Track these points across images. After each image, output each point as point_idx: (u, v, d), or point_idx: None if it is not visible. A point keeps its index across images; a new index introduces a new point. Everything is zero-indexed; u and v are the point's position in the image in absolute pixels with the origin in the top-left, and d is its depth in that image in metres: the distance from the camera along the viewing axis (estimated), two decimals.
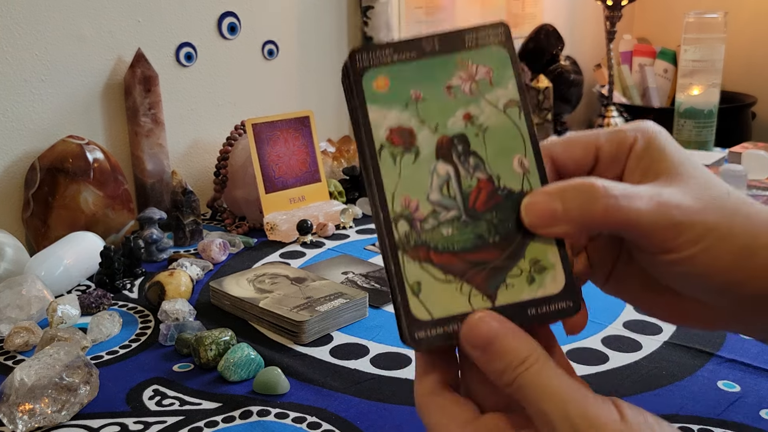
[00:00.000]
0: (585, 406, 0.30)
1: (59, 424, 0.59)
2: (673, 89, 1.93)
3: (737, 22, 1.90)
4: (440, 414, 0.33)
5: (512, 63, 0.35)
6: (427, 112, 0.34)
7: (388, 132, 0.34)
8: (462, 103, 0.35)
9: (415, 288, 0.33)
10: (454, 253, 0.34)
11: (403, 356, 0.71)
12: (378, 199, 0.34)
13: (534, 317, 0.34)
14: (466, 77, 0.35)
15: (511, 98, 0.35)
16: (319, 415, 0.60)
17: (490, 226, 0.34)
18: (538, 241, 0.34)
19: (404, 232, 0.33)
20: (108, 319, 0.76)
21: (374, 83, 0.34)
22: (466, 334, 0.32)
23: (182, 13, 1.17)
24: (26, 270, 0.85)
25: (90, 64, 1.08)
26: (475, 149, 0.34)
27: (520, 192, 0.34)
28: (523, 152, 0.35)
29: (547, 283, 0.34)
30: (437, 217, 0.34)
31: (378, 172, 0.34)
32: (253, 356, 0.67)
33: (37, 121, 1.03)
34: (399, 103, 0.34)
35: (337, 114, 1.47)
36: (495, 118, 0.35)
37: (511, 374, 0.31)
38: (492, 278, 0.34)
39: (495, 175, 0.34)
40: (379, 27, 1.43)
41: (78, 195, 0.99)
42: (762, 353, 0.69)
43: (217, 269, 0.96)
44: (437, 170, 0.34)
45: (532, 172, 0.35)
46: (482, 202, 0.34)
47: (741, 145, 1.42)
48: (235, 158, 1.14)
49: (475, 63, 0.35)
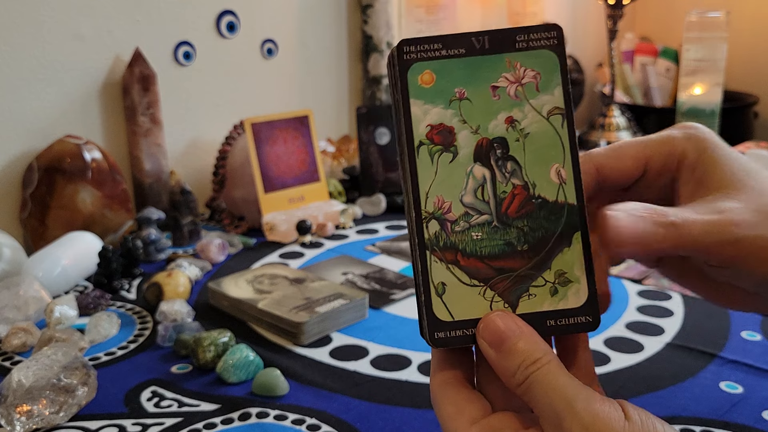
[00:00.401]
0: (592, 404, 0.31)
1: (57, 426, 0.59)
2: (675, 88, 1.92)
3: (739, 21, 1.90)
4: (452, 408, 0.34)
5: (561, 69, 0.34)
6: (469, 112, 0.34)
7: (429, 129, 0.34)
8: (505, 106, 0.34)
9: (440, 289, 0.34)
10: (481, 258, 0.34)
11: (402, 358, 0.71)
12: (412, 197, 0.34)
13: (552, 328, 0.34)
14: (512, 79, 0.34)
15: (556, 105, 0.34)
16: (319, 416, 0.60)
17: (520, 233, 0.34)
18: (566, 254, 0.34)
19: (434, 232, 0.34)
20: (106, 320, 0.76)
21: (420, 77, 0.34)
22: (481, 330, 0.33)
23: (181, 11, 1.17)
24: (24, 270, 0.85)
25: (88, 63, 1.07)
26: (514, 154, 0.34)
27: (554, 202, 0.34)
28: (561, 162, 0.34)
29: (570, 296, 0.34)
30: (468, 220, 0.34)
31: (414, 169, 0.34)
32: (252, 357, 0.66)
33: (34, 120, 1.02)
34: (442, 100, 0.34)
35: (337, 113, 1.47)
36: (537, 124, 0.34)
37: (522, 374, 0.32)
38: (516, 287, 0.34)
39: (531, 182, 0.34)
40: (378, 26, 1.43)
41: (76, 195, 0.98)
42: (765, 354, 0.69)
43: (216, 270, 0.95)
44: (474, 173, 0.34)
45: (569, 184, 0.34)
46: (515, 209, 0.34)
47: (743, 145, 1.41)
48: (233, 158, 1.14)
49: (523, 65, 0.34)
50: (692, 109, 1.50)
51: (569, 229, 0.34)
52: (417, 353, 0.71)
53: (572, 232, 0.34)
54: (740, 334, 0.73)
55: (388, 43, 1.44)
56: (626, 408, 0.31)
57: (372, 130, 1.24)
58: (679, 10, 1.89)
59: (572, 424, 0.30)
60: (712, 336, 0.73)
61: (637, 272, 0.89)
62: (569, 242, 0.34)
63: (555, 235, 0.34)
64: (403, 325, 0.78)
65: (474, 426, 0.33)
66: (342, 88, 1.47)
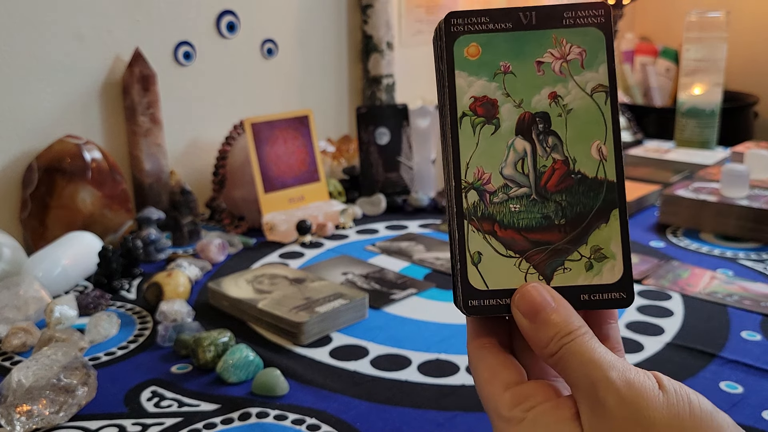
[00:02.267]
0: (626, 373, 0.31)
1: (57, 426, 0.59)
2: (675, 88, 1.92)
3: (739, 22, 1.90)
4: (488, 372, 0.35)
5: (607, 47, 0.35)
6: (513, 86, 0.35)
7: (473, 101, 0.34)
8: (550, 81, 0.35)
9: (476, 258, 0.34)
10: (518, 230, 0.34)
11: (402, 358, 0.70)
12: (453, 166, 0.34)
13: (585, 303, 0.34)
14: (558, 55, 0.35)
15: (600, 83, 0.35)
16: (319, 416, 0.60)
17: (558, 207, 0.35)
18: (603, 230, 0.34)
19: (473, 202, 0.34)
20: (106, 320, 0.76)
21: (465, 50, 0.35)
22: (517, 300, 0.34)
23: (181, 11, 1.17)
24: (24, 270, 0.85)
25: (88, 63, 1.07)
26: (556, 129, 0.35)
27: (594, 178, 0.34)
28: (603, 139, 0.35)
29: (605, 272, 0.34)
30: (507, 191, 0.34)
31: (456, 140, 0.34)
32: (252, 357, 0.66)
33: (34, 120, 1.02)
34: (487, 73, 0.34)
35: (337, 113, 1.47)
36: (581, 101, 0.35)
37: (556, 344, 0.32)
38: (551, 260, 0.34)
39: (571, 157, 0.35)
40: (378, 26, 1.43)
41: (76, 195, 0.98)
42: (764, 354, 0.69)
43: (216, 270, 0.95)
44: (515, 146, 0.35)
45: (609, 161, 0.35)
46: (554, 183, 0.35)
47: (743, 145, 1.41)
48: (233, 158, 1.14)
49: (569, 42, 0.35)
50: (692, 109, 1.50)
51: (607, 206, 0.34)
52: (417, 353, 0.71)
53: (610, 209, 0.34)
54: (740, 334, 0.73)
55: (388, 43, 1.44)
56: (660, 378, 0.32)
57: (372, 130, 1.24)
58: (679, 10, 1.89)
59: (607, 393, 0.31)
60: (712, 336, 0.73)
61: (637, 272, 0.90)
62: (606, 218, 0.34)
63: (593, 211, 0.34)
64: (403, 325, 0.78)
65: (507, 392, 0.34)
66: (342, 88, 1.47)
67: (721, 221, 1.03)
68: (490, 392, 0.34)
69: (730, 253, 0.97)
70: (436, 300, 0.84)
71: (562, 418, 0.32)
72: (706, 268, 0.91)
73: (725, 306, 0.80)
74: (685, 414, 0.30)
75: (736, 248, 0.99)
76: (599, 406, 0.31)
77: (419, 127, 1.27)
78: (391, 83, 1.47)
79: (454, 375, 0.67)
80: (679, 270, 0.90)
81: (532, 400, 0.33)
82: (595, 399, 0.31)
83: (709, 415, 0.31)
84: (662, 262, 0.93)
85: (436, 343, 0.73)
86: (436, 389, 0.65)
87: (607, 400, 0.31)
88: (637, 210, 1.16)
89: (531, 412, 0.32)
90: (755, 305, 0.80)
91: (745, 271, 0.91)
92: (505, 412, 0.33)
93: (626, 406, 0.30)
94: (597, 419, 0.31)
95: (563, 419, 0.32)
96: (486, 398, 0.34)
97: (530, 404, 0.33)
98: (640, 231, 1.07)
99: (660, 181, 1.27)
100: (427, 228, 1.11)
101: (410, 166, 1.26)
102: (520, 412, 0.33)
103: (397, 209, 1.21)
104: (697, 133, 1.50)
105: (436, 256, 0.98)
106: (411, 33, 1.58)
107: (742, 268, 0.92)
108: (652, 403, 0.30)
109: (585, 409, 0.31)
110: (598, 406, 0.31)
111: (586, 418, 0.31)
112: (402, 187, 1.26)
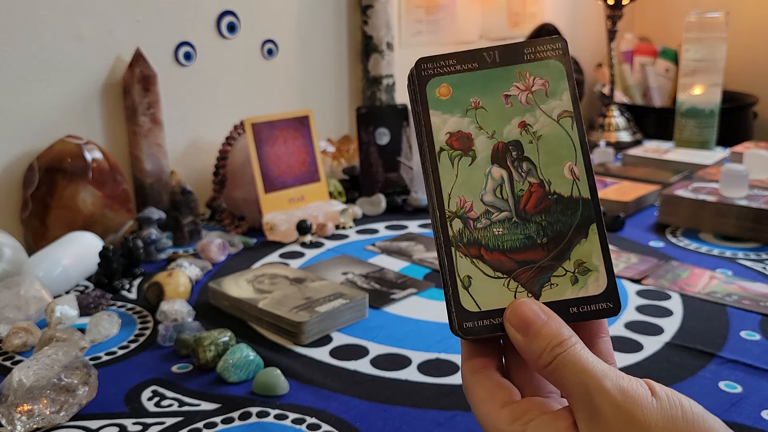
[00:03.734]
0: (620, 381, 0.32)
1: (58, 425, 0.59)
2: (674, 89, 1.92)
3: (738, 22, 1.90)
4: (484, 393, 0.35)
5: (567, 76, 0.37)
6: (484, 119, 0.37)
7: (448, 136, 0.37)
8: (518, 112, 0.37)
9: (466, 282, 0.36)
10: (503, 251, 0.36)
11: (402, 357, 0.71)
12: (435, 198, 0.36)
13: (575, 315, 0.36)
14: (523, 87, 0.37)
15: (565, 109, 0.37)
16: (319, 416, 0.60)
17: (539, 228, 0.36)
18: (583, 245, 0.36)
19: (458, 230, 0.36)
20: (106, 320, 0.76)
21: (437, 91, 0.37)
22: (508, 315, 0.35)
23: (181, 12, 1.17)
24: (24, 270, 0.85)
25: (88, 64, 1.07)
26: (529, 155, 0.37)
27: (569, 197, 0.36)
28: (574, 160, 0.37)
29: (590, 284, 0.36)
30: (489, 217, 0.36)
31: (437, 173, 0.36)
32: (252, 357, 0.67)
33: (35, 120, 1.02)
34: (459, 110, 0.37)
35: (337, 113, 1.47)
36: (549, 127, 0.37)
37: (548, 355, 0.33)
38: (538, 277, 0.36)
39: (546, 180, 0.37)
40: (378, 26, 1.43)
41: (76, 195, 0.99)
42: (764, 354, 0.69)
43: (216, 269, 0.95)
44: (492, 174, 0.37)
45: (582, 180, 0.37)
46: (532, 205, 0.37)
47: (742, 145, 1.41)
48: (234, 158, 1.14)
49: (532, 75, 0.37)
50: (692, 110, 1.50)
51: (585, 222, 0.36)
52: (417, 353, 0.71)
53: (588, 224, 0.36)
54: (739, 334, 0.73)
55: (388, 43, 1.44)
56: (652, 386, 0.32)
57: (372, 130, 1.24)
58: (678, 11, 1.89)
59: (602, 401, 0.31)
60: (712, 336, 0.73)
61: (637, 272, 0.90)
62: (586, 234, 0.36)
63: (572, 228, 0.36)
64: (403, 324, 0.78)
65: (504, 409, 0.34)
66: (342, 88, 1.47)
67: (720, 221, 1.03)
68: (488, 411, 0.35)
69: (730, 252, 0.97)
70: (436, 300, 0.84)
71: (560, 428, 0.33)
72: (706, 267, 0.91)
73: (724, 306, 0.80)
74: (678, 418, 0.31)
75: (735, 248, 0.99)
76: (595, 414, 0.32)
77: None
78: (391, 83, 1.47)
79: (453, 374, 0.67)
80: (678, 270, 0.91)
81: (530, 414, 0.34)
82: (591, 407, 0.32)
83: (701, 418, 0.32)
84: (661, 262, 0.93)
85: (436, 342, 0.73)
86: (436, 389, 0.65)
87: (603, 408, 0.31)
88: (637, 210, 1.16)
89: (530, 424, 0.33)
90: (754, 305, 0.80)
91: (745, 270, 0.91)
92: (504, 428, 0.34)
93: (621, 412, 0.31)
94: (594, 426, 0.32)
95: (562, 429, 0.33)
96: (484, 417, 0.35)
97: (529, 417, 0.34)
98: (639, 231, 1.07)
99: (659, 181, 1.28)
100: (427, 228, 1.12)
101: (410, 166, 1.27)
102: (519, 426, 0.34)
103: (397, 209, 1.21)
104: (697, 134, 1.50)
105: (436, 256, 0.98)
106: (411, 33, 1.58)
107: (742, 267, 0.92)
108: (646, 409, 0.31)
109: (582, 417, 0.32)
110: (594, 414, 0.32)
111: (583, 425, 0.32)
112: (402, 187, 1.26)
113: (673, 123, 1.54)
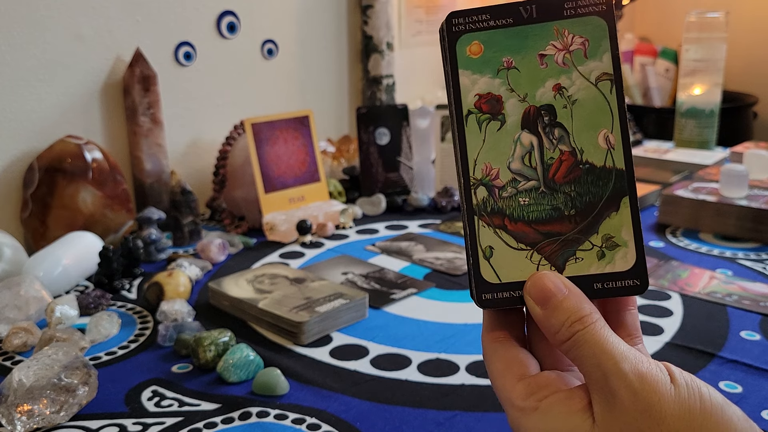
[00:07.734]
0: (639, 365, 0.31)
1: (58, 425, 0.59)
2: (674, 89, 1.92)
3: (739, 22, 1.90)
4: (501, 364, 0.35)
5: (610, 35, 0.35)
6: (516, 81, 0.35)
7: (477, 98, 0.35)
8: (553, 74, 0.35)
9: (487, 252, 0.35)
10: (528, 222, 0.35)
11: (402, 357, 0.71)
12: (461, 164, 0.35)
13: (599, 291, 0.34)
14: (560, 47, 0.35)
15: (605, 71, 0.35)
16: (319, 416, 0.60)
17: (568, 198, 0.35)
18: (613, 218, 0.34)
19: (482, 198, 0.35)
20: (107, 320, 0.76)
21: (468, 48, 0.35)
22: (528, 287, 0.34)
23: (181, 12, 1.17)
24: (24, 270, 0.85)
25: (88, 64, 1.07)
26: (562, 121, 0.35)
27: (602, 167, 0.35)
28: (610, 128, 0.35)
29: (617, 260, 0.34)
30: (516, 185, 0.35)
31: (463, 138, 0.35)
32: (252, 357, 0.67)
33: (35, 120, 1.02)
34: (490, 70, 0.35)
35: (337, 113, 1.47)
36: (585, 91, 0.35)
37: (567, 331, 0.32)
38: (563, 250, 0.35)
39: (579, 148, 0.35)
40: (378, 26, 1.43)
41: (76, 195, 0.99)
42: (764, 354, 0.69)
43: (216, 269, 0.95)
44: (521, 140, 0.35)
45: (617, 149, 0.35)
46: (562, 175, 0.35)
47: (742, 145, 1.41)
48: (234, 158, 1.14)
49: (571, 33, 0.35)
50: (692, 110, 1.50)
51: (617, 194, 0.34)
52: (417, 353, 0.71)
53: (620, 197, 0.34)
54: (739, 334, 0.73)
55: (388, 43, 1.44)
56: (672, 371, 0.32)
57: (372, 130, 1.24)
58: (678, 11, 1.89)
59: (619, 384, 0.31)
60: (712, 336, 0.73)
61: None
62: (617, 207, 0.34)
63: (603, 200, 0.35)
64: (403, 324, 0.78)
65: (521, 382, 0.34)
66: (342, 88, 1.47)
67: (720, 221, 1.03)
68: (504, 383, 0.34)
69: (730, 252, 0.97)
70: (436, 300, 0.84)
71: (574, 409, 0.32)
72: (706, 267, 0.91)
73: (724, 306, 0.80)
74: (695, 408, 0.31)
75: (735, 248, 0.99)
76: (611, 398, 0.31)
77: (419, 127, 1.27)
78: (391, 84, 1.47)
79: (454, 374, 0.67)
80: (678, 270, 0.91)
81: (545, 390, 0.33)
82: (607, 390, 0.31)
83: (720, 408, 0.31)
84: (661, 262, 0.93)
85: (436, 342, 0.73)
86: (436, 389, 0.65)
87: (619, 392, 0.31)
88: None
89: (544, 401, 0.33)
90: (754, 305, 0.80)
91: (745, 270, 0.91)
92: (518, 402, 0.34)
93: (638, 399, 0.30)
94: (609, 410, 0.31)
95: (575, 409, 0.32)
96: (500, 389, 0.35)
97: (543, 394, 0.33)
98: None
99: (659, 181, 1.28)
100: (427, 228, 1.12)
101: (410, 166, 1.27)
102: (533, 402, 0.33)
103: (397, 209, 1.21)
104: (697, 134, 1.50)
105: (436, 255, 0.98)
106: (411, 33, 1.58)
107: (742, 267, 0.92)
108: (664, 397, 0.30)
109: (597, 399, 0.32)
110: (610, 398, 0.31)
111: (598, 408, 0.32)
112: (402, 187, 1.26)
113: (673, 123, 1.54)
